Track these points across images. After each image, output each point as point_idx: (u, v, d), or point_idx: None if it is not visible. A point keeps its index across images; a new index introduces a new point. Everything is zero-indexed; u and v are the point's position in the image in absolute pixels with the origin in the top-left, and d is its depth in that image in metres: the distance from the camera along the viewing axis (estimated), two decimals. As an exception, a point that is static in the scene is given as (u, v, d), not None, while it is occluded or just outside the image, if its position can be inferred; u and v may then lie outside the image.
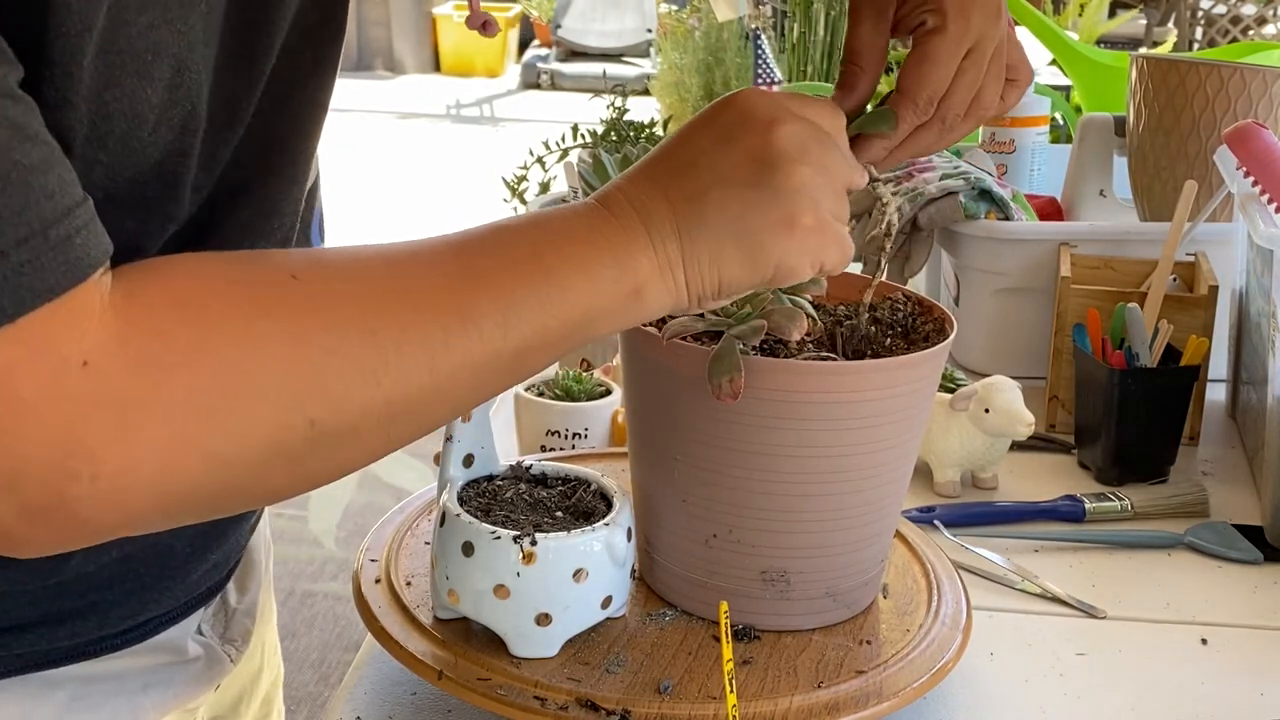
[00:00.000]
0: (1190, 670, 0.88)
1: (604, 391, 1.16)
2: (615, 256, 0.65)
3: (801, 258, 0.66)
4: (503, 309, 0.62)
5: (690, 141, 0.67)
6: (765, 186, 0.65)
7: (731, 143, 0.66)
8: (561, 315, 0.63)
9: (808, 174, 0.66)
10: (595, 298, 0.64)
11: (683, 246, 0.65)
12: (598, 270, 0.64)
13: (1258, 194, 1.13)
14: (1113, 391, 1.10)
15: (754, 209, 0.65)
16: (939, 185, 1.32)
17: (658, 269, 0.65)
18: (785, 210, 0.65)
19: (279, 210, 0.72)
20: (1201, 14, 6.15)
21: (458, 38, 10.10)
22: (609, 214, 0.66)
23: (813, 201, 0.66)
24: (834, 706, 0.74)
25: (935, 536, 1.01)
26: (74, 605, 0.74)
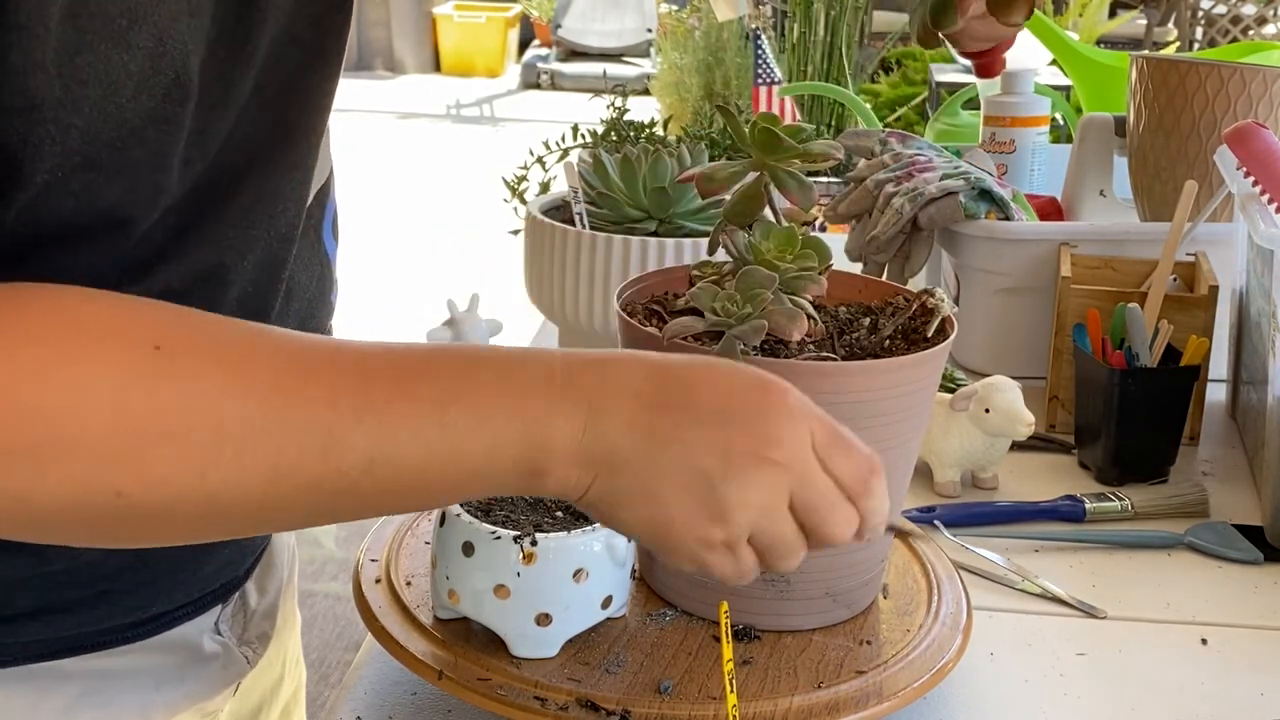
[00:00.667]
0: (1190, 670, 0.88)
1: (604, 391, 1.16)
2: (528, 432, 0.59)
3: (690, 558, 0.62)
4: (376, 446, 0.57)
5: (702, 385, 0.61)
6: (716, 487, 0.60)
7: (730, 426, 0.60)
8: (439, 473, 0.58)
9: (761, 515, 0.61)
10: (486, 464, 0.59)
11: (614, 464, 0.60)
12: (506, 439, 0.58)
13: (1258, 194, 1.13)
14: (1113, 391, 1.10)
15: (691, 495, 0.60)
16: (939, 185, 1.32)
17: (571, 465, 0.59)
18: (712, 523, 0.60)
19: (280, 195, 0.71)
20: (1202, 14, 6.15)
21: (458, 38, 10.10)
22: (559, 384, 0.60)
23: (741, 530, 0.61)
24: (834, 707, 0.74)
25: (935, 536, 1.01)
26: (82, 595, 0.73)
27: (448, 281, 4.98)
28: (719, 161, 0.80)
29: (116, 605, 0.75)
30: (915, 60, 3.94)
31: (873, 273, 1.34)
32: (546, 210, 1.35)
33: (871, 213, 1.36)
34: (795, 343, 0.77)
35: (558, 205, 1.37)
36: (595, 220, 1.31)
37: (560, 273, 1.29)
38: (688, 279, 0.82)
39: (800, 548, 0.63)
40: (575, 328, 1.32)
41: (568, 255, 1.28)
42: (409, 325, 4.17)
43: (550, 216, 1.32)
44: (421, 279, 5.32)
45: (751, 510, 0.60)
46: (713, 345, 0.74)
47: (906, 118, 3.70)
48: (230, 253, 0.68)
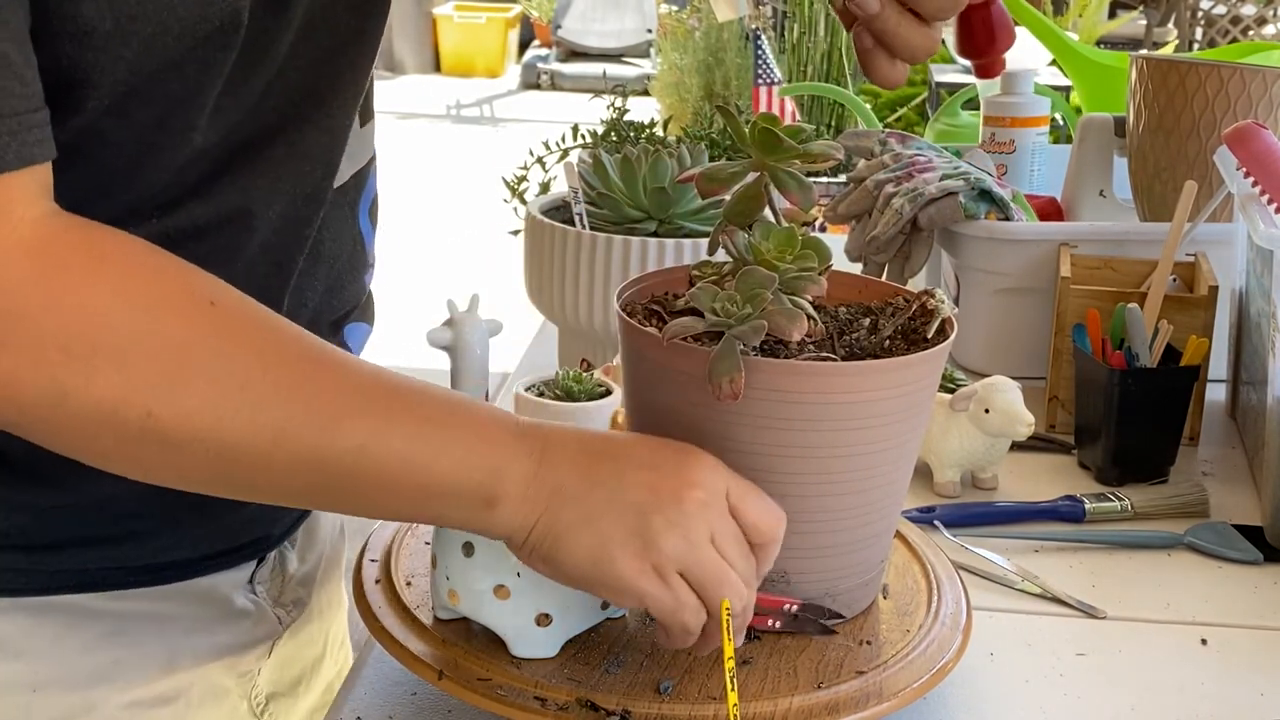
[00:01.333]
0: (1190, 670, 0.88)
1: (604, 391, 1.16)
2: (491, 465, 0.67)
3: (629, 590, 0.69)
4: (369, 438, 0.64)
5: (635, 444, 0.72)
6: (646, 517, 0.68)
7: (658, 471, 0.69)
8: (415, 476, 0.66)
9: (684, 541, 0.68)
10: (454, 481, 0.67)
11: (560, 498, 0.68)
12: (472, 463, 0.67)
13: (1258, 194, 1.13)
14: (1113, 392, 1.10)
15: (624, 525, 0.68)
16: (939, 185, 1.32)
17: (523, 498, 0.68)
18: (645, 548, 0.68)
19: (309, 157, 0.76)
20: (1201, 14, 6.15)
21: (458, 38, 10.10)
22: (516, 432, 0.69)
23: (669, 556, 0.68)
24: (834, 707, 0.74)
25: (935, 537, 1.01)
26: (108, 531, 0.77)
27: (448, 281, 4.98)
28: (719, 162, 0.80)
29: (139, 545, 0.79)
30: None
31: (873, 273, 1.34)
32: (546, 210, 1.35)
33: (871, 213, 1.36)
34: (795, 343, 0.77)
35: (558, 205, 1.37)
36: (595, 220, 1.31)
37: (560, 273, 1.29)
38: (688, 279, 0.81)
39: (729, 576, 0.69)
40: (575, 328, 1.32)
41: (568, 255, 1.28)
42: (409, 325, 4.17)
43: (550, 217, 1.32)
44: (421, 279, 5.32)
45: (676, 536, 0.68)
46: (713, 345, 0.74)
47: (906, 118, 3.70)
48: (257, 201, 0.74)
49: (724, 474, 0.71)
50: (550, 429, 0.70)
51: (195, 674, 0.83)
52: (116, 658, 0.79)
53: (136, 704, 0.80)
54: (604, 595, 0.72)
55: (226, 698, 0.86)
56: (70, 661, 0.77)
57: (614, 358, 1.24)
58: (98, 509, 0.76)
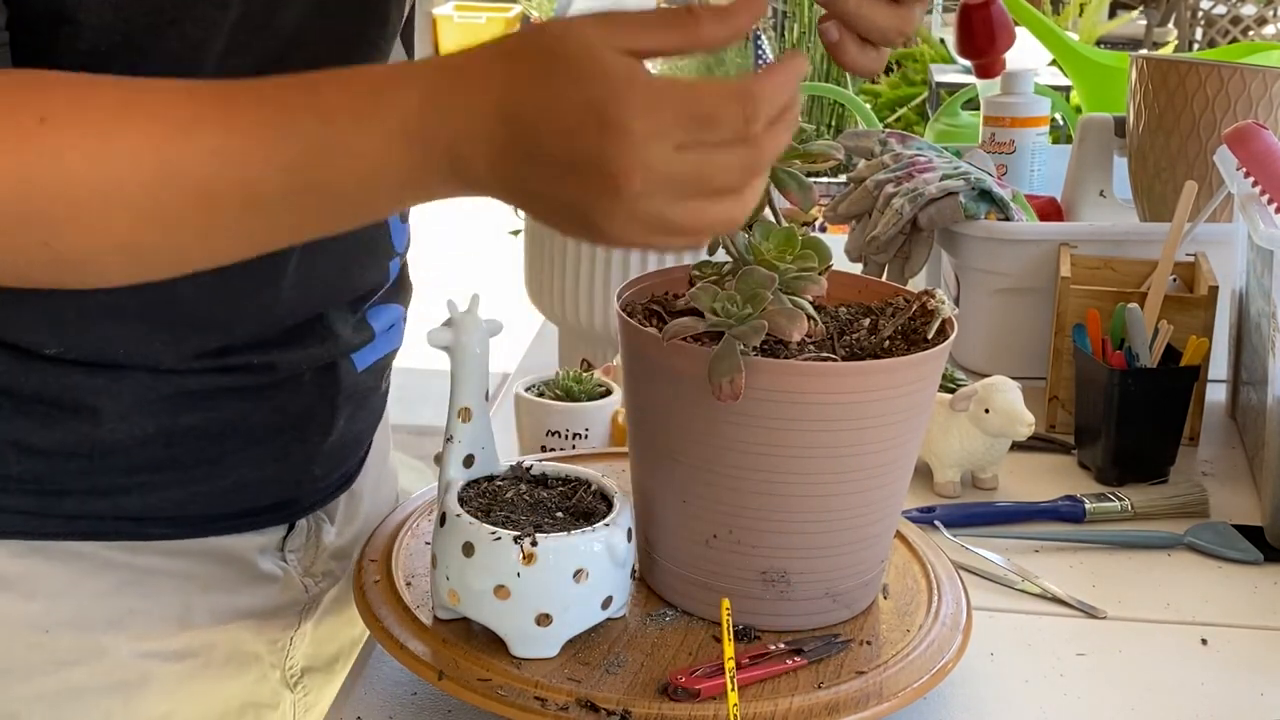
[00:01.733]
0: (1190, 670, 0.88)
1: (604, 391, 1.16)
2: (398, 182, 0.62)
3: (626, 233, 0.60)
4: (270, 155, 0.61)
5: (546, 131, 0.59)
6: (589, 219, 0.60)
7: (575, 176, 0.59)
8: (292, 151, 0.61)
9: (644, 232, 0.60)
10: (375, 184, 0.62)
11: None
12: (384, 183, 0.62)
13: (1258, 194, 1.13)
14: (1113, 392, 1.10)
15: (570, 224, 0.62)
16: (939, 185, 1.32)
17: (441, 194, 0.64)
18: (601, 233, 0.61)
19: None
20: (1201, 14, 6.15)
21: (458, 38, 10.10)
22: (417, 145, 0.61)
23: (638, 229, 0.60)
24: (834, 707, 0.74)
25: (935, 537, 1.01)
26: (118, 481, 0.78)
27: (448, 281, 4.98)
28: (719, 162, 0.80)
29: (150, 495, 0.79)
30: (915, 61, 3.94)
31: (873, 273, 1.34)
32: (546, 210, 1.35)
33: (871, 213, 1.36)
34: (795, 343, 0.77)
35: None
36: (595, 220, 1.31)
37: (560, 273, 1.29)
38: (688, 279, 0.81)
39: (710, 216, 0.60)
40: (575, 328, 1.32)
41: (568, 255, 1.28)
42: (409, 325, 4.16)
43: (550, 217, 1.32)
44: (421, 279, 5.31)
45: (632, 224, 0.60)
46: (713, 345, 0.74)
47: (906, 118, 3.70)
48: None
49: (656, 122, 0.58)
50: (453, 126, 0.60)
51: (217, 633, 0.84)
52: (131, 607, 0.80)
53: (151, 654, 0.81)
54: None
55: (256, 664, 0.87)
56: (84, 606, 0.78)
57: (614, 358, 1.24)
58: (105, 455, 0.77)
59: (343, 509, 0.94)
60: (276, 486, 0.85)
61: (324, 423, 0.87)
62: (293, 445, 0.85)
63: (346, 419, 0.89)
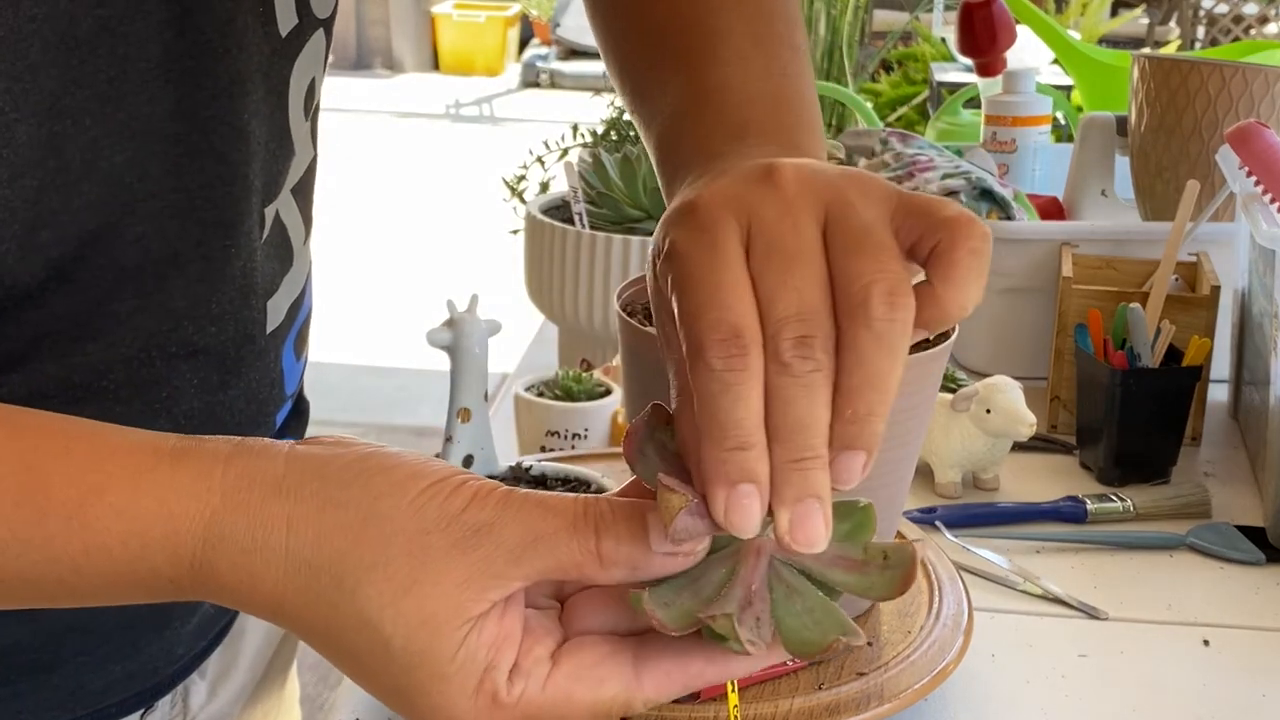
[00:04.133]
0: (1192, 672, 0.87)
1: (604, 391, 1.16)
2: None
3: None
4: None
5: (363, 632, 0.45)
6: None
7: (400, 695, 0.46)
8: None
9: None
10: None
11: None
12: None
13: (1260, 194, 1.13)
14: (1114, 392, 1.10)
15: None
16: (940, 185, 1.32)
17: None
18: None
19: (174, 313, 0.62)
20: (1203, 13, 6.15)
21: (457, 37, 10.10)
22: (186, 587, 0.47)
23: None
24: (834, 708, 0.74)
25: (937, 537, 1.01)
26: None
27: (448, 281, 4.98)
28: (719, 161, 0.80)
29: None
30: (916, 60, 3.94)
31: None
32: (546, 210, 1.35)
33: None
34: (796, 343, 0.76)
35: (558, 205, 1.37)
36: (595, 220, 1.31)
37: (560, 273, 1.28)
38: (688, 279, 0.81)
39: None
40: (575, 328, 1.32)
41: (568, 255, 1.28)
42: (409, 325, 4.17)
43: (550, 216, 1.32)
44: (421, 279, 5.32)
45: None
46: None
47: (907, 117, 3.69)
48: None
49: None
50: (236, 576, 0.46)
51: None
52: None
53: None
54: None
55: None
56: None
57: (614, 358, 1.24)
58: None
59: (217, 660, 0.75)
60: (127, 683, 0.68)
61: (189, 605, 0.68)
62: (146, 638, 0.67)
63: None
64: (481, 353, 0.84)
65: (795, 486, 0.44)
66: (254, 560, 0.46)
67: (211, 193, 0.60)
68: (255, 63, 0.61)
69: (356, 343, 4.53)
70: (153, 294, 0.60)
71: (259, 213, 0.65)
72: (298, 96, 0.66)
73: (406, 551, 0.44)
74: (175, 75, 0.57)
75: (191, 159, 0.59)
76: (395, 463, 0.46)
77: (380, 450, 0.47)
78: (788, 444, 0.44)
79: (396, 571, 0.44)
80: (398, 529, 0.45)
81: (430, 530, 0.44)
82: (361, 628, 0.45)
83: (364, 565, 0.45)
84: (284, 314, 0.69)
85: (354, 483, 0.46)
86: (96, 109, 0.54)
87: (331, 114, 0.78)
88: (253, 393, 0.67)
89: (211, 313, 0.63)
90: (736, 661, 0.47)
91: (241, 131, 0.61)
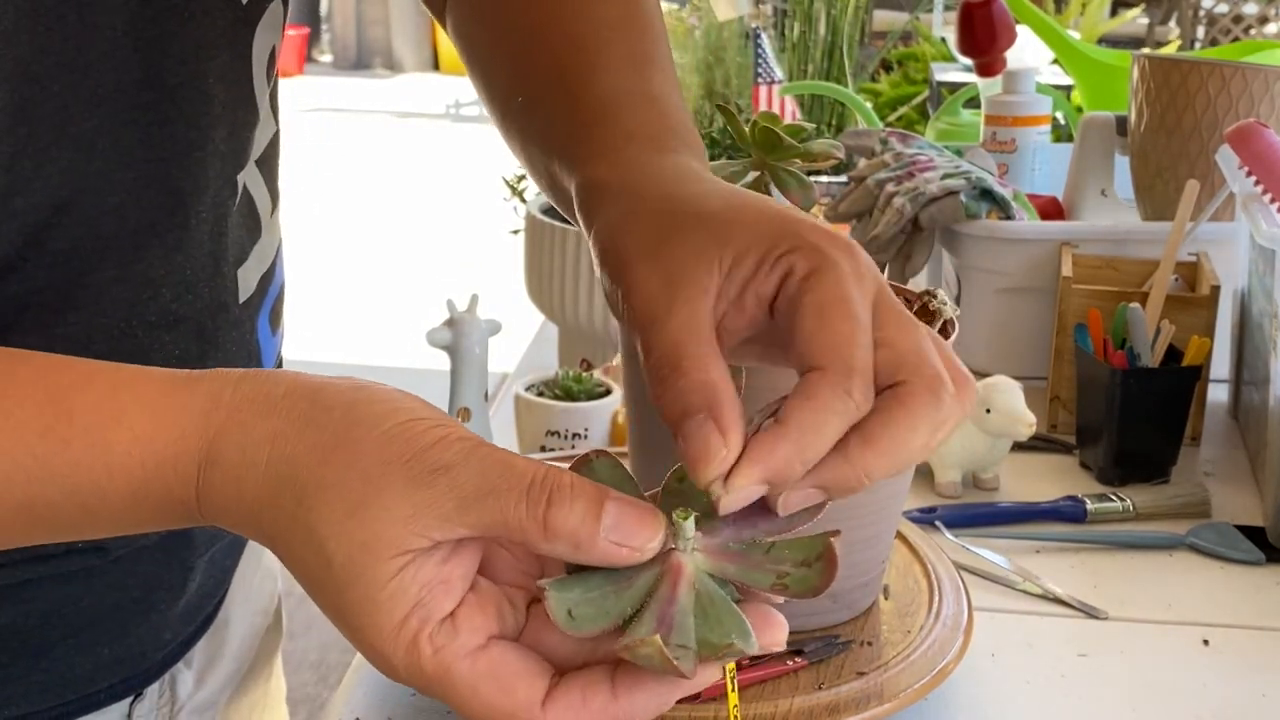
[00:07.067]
0: (1192, 671, 0.88)
1: (604, 391, 1.16)
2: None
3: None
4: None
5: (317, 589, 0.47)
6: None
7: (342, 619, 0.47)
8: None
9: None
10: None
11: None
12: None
13: (1260, 194, 1.13)
14: (1114, 392, 1.10)
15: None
16: (940, 185, 1.32)
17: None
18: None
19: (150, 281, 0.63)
20: (1203, 13, 6.16)
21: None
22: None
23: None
24: (834, 708, 0.74)
25: (936, 537, 1.01)
26: None
27: (448, 281, 4.98)
28: (719, 161, 0.80)
29: None
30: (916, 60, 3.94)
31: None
32: (546, 210, 1.35)
33: (872, 212, 1.35)
34: (796, 343, 0.76)
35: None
36: (595, 220, 1.31)
37: (560, 273, 1.28)
38: (688, 279, 0.81)
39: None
40: (575, 327, 1.32)
41: (568, 255, 1.28)
42: (409, 325, 4.17)
43: (550, 216, 1.32)
44: (421, 279, 5.32)
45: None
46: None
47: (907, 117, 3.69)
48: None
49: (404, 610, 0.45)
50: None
51: None
52: None
53: None
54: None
55: None
56: None
57: (614, 358, 1.24)
58: None
59: (203, 649, 0.76)
60: (115, 668, 0.69)
61: (174, 588, 0.70)
62: (134, 621, 0.68)
63: (204, 572, 0.72)
64: (481, 352, 0.84)
65: (765, 446, 0.46)
66: (241, 474, 0.47)
67: (185, 160, 0.62)
68: (219, 29, 0.63)
69: (357, 342, 4.53)
70: (132, 263, 0.61)
71: (230, 180, 0.66)
72: (260, 63, 0.68)
73: (364, 477, 0.45)
74: (143, 43, 0.58)
75: (162, 126, 0.60)
76: (383, 396, 0.48)
77: (378, 386, 0.49)
78: (792, 435, 0.46)
79: (349, 494, 0.45)
80: (361, 454, 0.46)
81: (392, 462, 0.45)
82: (309, 541, 0.46)
83: (323, 484, 0.46)
84: (255, 285, 0.71)
85: (337, 407, 0.47)
86: (65, 76, 0.55)
87: (331, 114, 0.79)
88: (231, 365, 0.68)
89: (187, 279, 0.64)
90: (651, 694, 0.47)
91: (208, 96, 0.62)
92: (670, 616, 0.46)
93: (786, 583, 0.47)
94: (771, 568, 0.47)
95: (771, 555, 0.47)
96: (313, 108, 8.61)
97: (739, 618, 0.46)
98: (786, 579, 0.46)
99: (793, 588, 0.47)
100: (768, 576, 0.47)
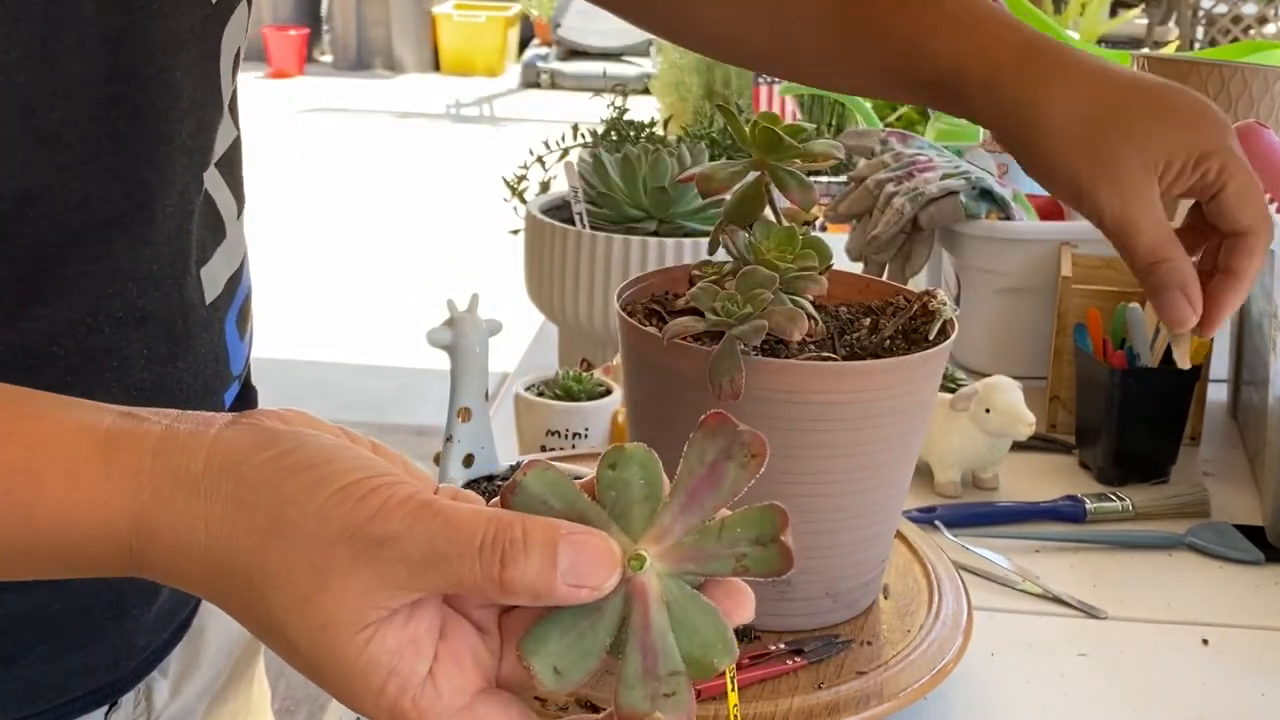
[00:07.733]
0: (1191, 671, 0.88)
1: (604, 391, 1.16)
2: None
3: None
4: None
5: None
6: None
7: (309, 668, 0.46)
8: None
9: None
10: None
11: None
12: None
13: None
14: (1114, 391, 1.10)
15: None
16: (940, 185, 1.32)
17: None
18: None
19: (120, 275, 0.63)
20: (1203, 13, 6.15)
21: (457, 37, 10.11)
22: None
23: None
24: (834, 707, 0.74)
25: (936, 537, 1.01)
26: None
27: (448, 281, 4.98)
28: (719, 161, 0.80)
29: None
30: (915, 60, 3.94)
31: (873, 272, 1.34)
32: (546, 210, 1.35)
33: (872, 212, 1.36)
34: (795, 343, 0.76)
35: (558, 205, 1.37)
36: (595, 220, 1.31)
37: (560, 273, 1.28)
38: (688, 279, 0.81)
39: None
40: (575, 327, 1.32)
41: (568, 255, 1.28)
42: (409, 325, 4.17)
43: (550, 216, 1.32)
44: (421, 279, 5.32)
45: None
46: (713, 345, 0.74)
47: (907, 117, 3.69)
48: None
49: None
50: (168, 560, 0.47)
51: None
52: None
53: None
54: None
55: None
56: None
57: (614, 358, 1.24)
58: None
59: (179, 657, 0.75)
60: (87, 676, 0.67)
61: (146, 593, 0.68)
62: (105, 627, 0.67)
63: None
64: (482, 352, 0.84)
65: (1228, 298, 0.80)
66: (179, 556, 0.46)
67: (153, 153, 0.61)
68: (188, 24, 0.62)
69: (357, 342, 4.53)
70: (99, 258, 0.61)
71: (197, 177, 0.66)
72: (228, 60, 0.67)
73: (309, 562, 0.44)
74: (112, 34, 0.58)
75: (130, 119, 0.60)
76: (311, 462, 0.46)
77: (300, 445, 0.46)
78: (1244, 285, 0.83)
79: (299, 580, 0.44)
80: (300, 538, 0.45)
81: (335, 541, 0.44)
82: (271, 628, 0.46)
83: (268, 571, 0.45)
84: (222, 286, 0.70)
85: (264, 484, 0.46)
86: (30, 67, 0.55)
87: (331, 114, 0.79)
88: (199, 367, 0.68)
89: (154, 275, 0.64)
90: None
91: (176, 90, 0.62)
92: (651, 644, 0.46)
93: (747, 564, 0.47)
94: (729, 552, 0.47)
95: (724, 539, 0.47)
96: (313, 108, 8.61)
97: (714, 618, 0.47)
98: (746, 560, 0.47)
99: (755, 569, 0.47)
100: (727, 563, 0.47)
